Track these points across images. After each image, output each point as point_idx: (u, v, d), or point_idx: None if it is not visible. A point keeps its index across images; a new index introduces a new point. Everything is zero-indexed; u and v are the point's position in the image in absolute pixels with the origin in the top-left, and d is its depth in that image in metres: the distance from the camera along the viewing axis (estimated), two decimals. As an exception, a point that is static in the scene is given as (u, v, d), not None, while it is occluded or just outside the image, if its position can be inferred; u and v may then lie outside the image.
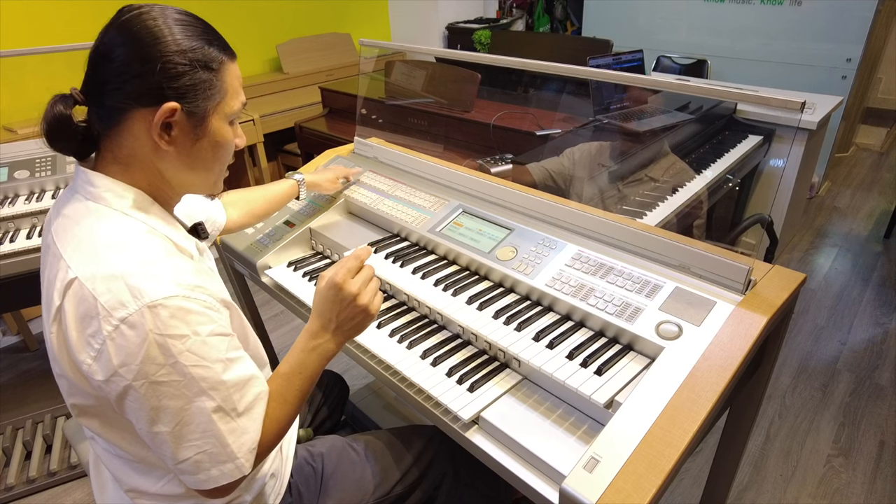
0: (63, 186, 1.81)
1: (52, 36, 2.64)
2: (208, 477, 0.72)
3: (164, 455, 0.71)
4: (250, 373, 0.75)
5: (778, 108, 0.93)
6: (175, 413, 0.68)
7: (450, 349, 1.06)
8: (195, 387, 0.68)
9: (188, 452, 0.70)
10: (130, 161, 0.76)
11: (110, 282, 0.66)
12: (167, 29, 0.72)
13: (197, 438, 0.70)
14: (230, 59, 0.78)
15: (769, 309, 0.92)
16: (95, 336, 0.66)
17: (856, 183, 3.73)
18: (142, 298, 0.66)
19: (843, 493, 1.67)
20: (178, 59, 0.71)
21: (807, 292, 2.60)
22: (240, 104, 0.80)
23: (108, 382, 0.67)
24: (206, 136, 0.77)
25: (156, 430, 0.69)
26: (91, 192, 0.75)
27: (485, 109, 2.44)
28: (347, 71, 3.65)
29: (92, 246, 0.70)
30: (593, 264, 1.08)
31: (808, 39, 3.09)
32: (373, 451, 1.08)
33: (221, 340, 0.71)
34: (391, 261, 1.27)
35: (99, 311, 0.66)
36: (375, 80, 2.72)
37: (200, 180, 0.82)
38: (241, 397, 0.73)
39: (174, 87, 0.72)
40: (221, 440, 0.71)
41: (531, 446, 0.85)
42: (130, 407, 0.68)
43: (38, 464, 1.84)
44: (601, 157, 1.94)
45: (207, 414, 0.70)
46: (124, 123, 0.73)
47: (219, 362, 0.70)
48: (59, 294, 0.69)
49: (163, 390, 0.67)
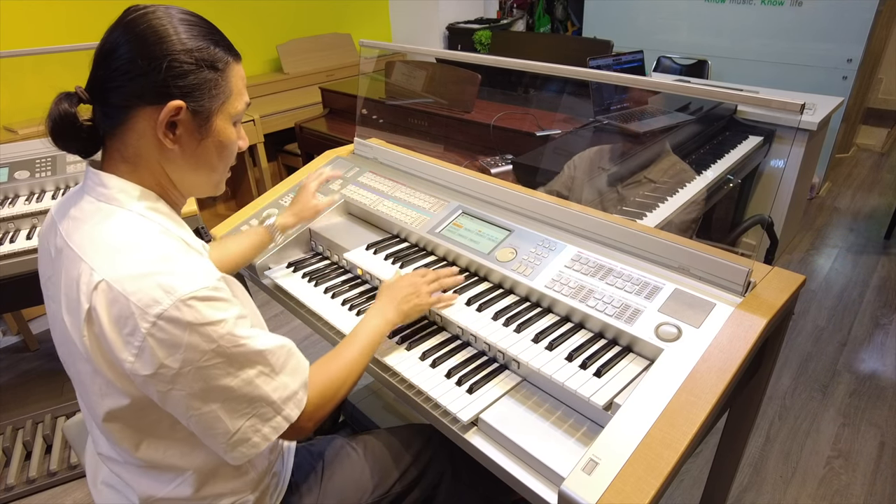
0: (63, 187, 1.81)
1: (52, 36, 2.64)
2: (262, 437, 0.77)
3: (216, 433, 0.74)
4: (275, 336, 0.80)
5: (778, 109, 0.93)
6: (223, 389, 0.72)
7: (449, 350, 1.06)
8: (237, 362, 0.72)
9: (241, 421, 0.75)
10: (137, 161, 0.76)
11: (139, 281, 0.68)
12: (172, 28, 0.72)
13: (246, 406, 0.75)
14: (235, 60, 0.79)
15: (769, 311, 0.92)
16: (134, 334, 0.67)
17: (856, 184, 3.73)
18: (174, 293, 0.67)
19: (843, 495, 1.67)
20: (184, 58, 0.72)
21: (807, 293, 2.60)
22: (244, 105, 0.81)
23: (154, 376, 0.69)
24: (210, 135, 0.77)
25: (207, 410, 0.72)
26: (104, 193, 0.75)
27: (485, 110, 2.44)
28: (348, 71, 3.66)
29: (113, 247, 0.71)
30: (593, 266, 1.08)
31: (808, 40, 3.09)
32: (372, 451, 1.08)
33: (246, 321, 0.75)
34: (391, 262, 1.27)
35: (133, 311, 0.67)
36: (376, 81, 2.72)
37: (204, 181, 0.83)
38: (276, 358, 0.77)
39: (180, 86, 0.72)
40: (267, 399, 0.76)
41: (530, 448, 0.85)
42: (177, 396, 0.71)
43: (39, 464, 1.85)
44: (601, 160, 1.94)
45: (252, 381, 0.74)
46: (130, 122, 0.73)
47: (250, 338, 0.74)
48: (87, 297, 0.69)
49: (210, 373, 0.70)
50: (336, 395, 0.89)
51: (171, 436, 0.78)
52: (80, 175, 1.84)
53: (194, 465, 0.81)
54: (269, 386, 0.76)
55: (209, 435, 0.75)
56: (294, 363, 0.81)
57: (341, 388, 0.90)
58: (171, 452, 0.79)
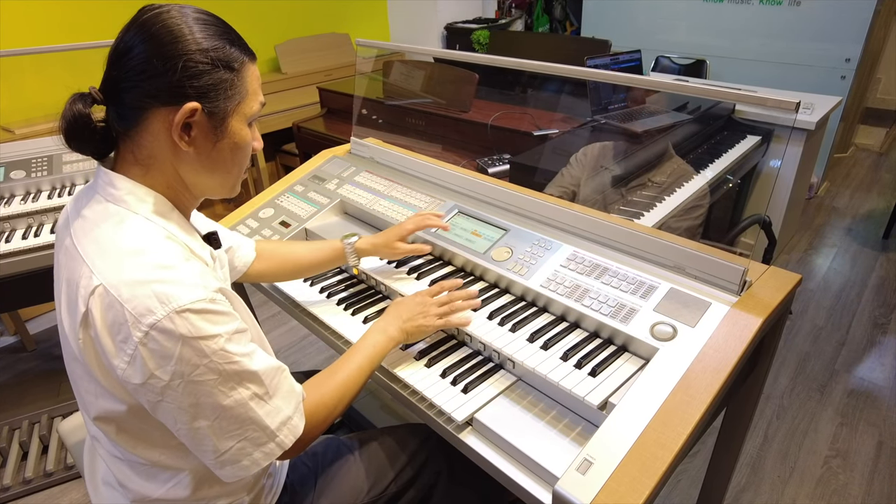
0: (59, 186, 1.80)
1: (50, 36, 2.64)
2: (252, 462, 0.75)
3: (204, 450, 0.73)
4: (270, 357, 0.78)
5: (773, 108, 0.93)
6: (213, 408, 0.70)
7: (444, 350, 1.06)
8: (230, 381, 0.71)
9: (230, 442, 0.73)
10: (150, 163, 0.75)
11: (136, 288, 0.67)
12: (187, 28, 0.71)
13: (237, 428, 0.73)
14: (251, 60, 0.78)
15: (764, 310, 0.91)
16: (127, 342, 0.67)
17: (855, 183, 3.72)
18: (169, 304, 0.66)
19: (841, 494, 1.67)
20: (199, 58, 0.71)
21: (805, 293, 2.59)
22: (259, 105, 0.80)
23: (144, 385, 0.68)
24: (225, 137, 0.76)
25: (196, 426, 0.71)
26: (112, 194, 0.75)
27: (482, 109, 2.44)
28: (346, 71, 3.65)
29: (114, 251, 0.70)
30: (588, 265, 1.08)
31: (806, 39, 3.09)
32: (367, 450, 1.08)
33: (243, 335, 0.74)
34: (386, 262, 1.27)
35: (127, 318, 0.66)
36: (373, 81, 2.72)
37: (219, 183, 0.81)
38: (271, 381, 0.76)
39: (196, 86, 0.71)
40: (260, 424, 0.74)
41: (524, 448, 0.85)
42: (167, 408, 0.70)
43: (35, 464, 1.84)
44: (605, 158, 1.93)
45: (245, 403, 0.72)
46: (144, 123, 0.73)
47: (245, 356, 0.73)
48: (84, 300, 0.69)
49: (200, 388, 0.69)
50: (331, 416, 0.87)
51: (166, 443, 0.77)
52: (77, 175, 1.83)
53: (190, 465, 0.80)
54: (263, 410, 0.74)
55: (198, 450, 0.74)
56: (288, 386, 0.79)
57: (337, 408, 0.88)
58: (166, 455, 0.79)
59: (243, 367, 0.72)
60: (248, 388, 0.72)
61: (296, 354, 2.34)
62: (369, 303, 1.22)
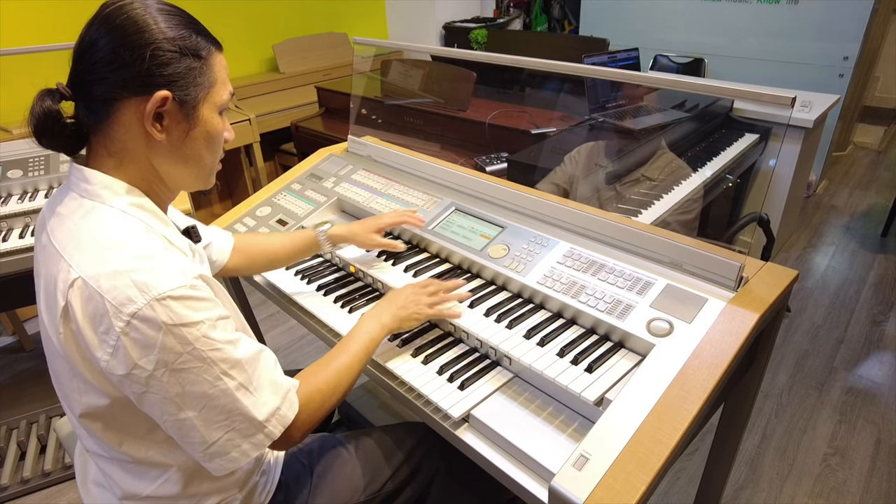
0: (56, 185, 1.80)
1: (47, 35, 2.63)
2: (241, 453, 0.74)
3: (192, 442, 0.72)
4: (256, 345, 0.78)
5: (769, 103, 0.93)
6: (199, 397, 0.70)
7: (441, 347, 1.06)
8: (215, 369, 0.70)
9: (218, 433, 0.72)
10: (123, 155, 0.75)
11: (115, 279, 0.67)
12: (151, 18, 0.72)
13: (224, 418, 0.72)
14: (217, 49, 0.78)
15: (761, 306, 0.91)
16: (109, 333, 0.66)
17: (853, 181, 3.72)
18: (149, 292, 0.66)
19: (840, 492, 1.67)
20: (167, 46, 0.71)
21: (804, 291, 2.59)
22: (228, 95, 0.80)
23: (128, 377, 0.68)
24: (197, 125, 0.77)
25: (183, 417, 0.70)
26: (87, 189, 0.74)
27: (480, 108, 2.44)
28: (344, 70, 3.65)
29: (92, 244, 0.70)
30: (585, 262, 1.08)
31: (805, 38, 3.09)
32: (364, 448, 1.08)
33: (227, 322, 0.73)
34: (383, 259, 1.27)
35: (108, 309, 0.66)
36: (371, 80, 2.71)
37: (193, 174, 0.81)
38: (256, 370, 0.75)
39: (165, 75, 0.71)
40: (247, 414, 0.73)
41: (521, 444, 0.84)
42: (153, 399, 0.69)
43: (33, 464, 1.84)
44: (599, 155, 1.93)
45: (231, 393, 0.72)
46: (115, 115, 0.73)
47: (230, 343, 0.72)
48: (63, 294, 0.69)
49: (184, 377, 0.69)
50: (326, 404, 0.87)
51: (151, 437, 0.77)
52: (74, 174, 1.83)
53: (178, 461, 0.80)
54: (249, 400, 0.73)
55: (186, 442, 0.74)
56: (274, 375, 0.78)
57: (332, 396, 0.88)
58: (153, 451, 0.78)
59: (227, 355, 0.71)
60: (233, 377, 0.72)
61: (293, 354, 2.33)
62: (366, 300, 1.22)
